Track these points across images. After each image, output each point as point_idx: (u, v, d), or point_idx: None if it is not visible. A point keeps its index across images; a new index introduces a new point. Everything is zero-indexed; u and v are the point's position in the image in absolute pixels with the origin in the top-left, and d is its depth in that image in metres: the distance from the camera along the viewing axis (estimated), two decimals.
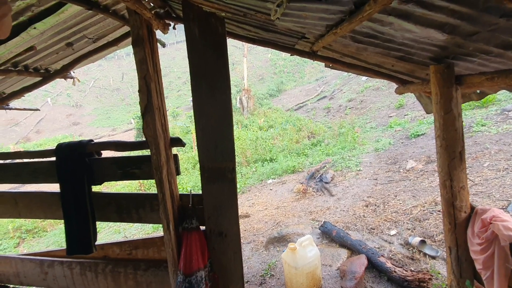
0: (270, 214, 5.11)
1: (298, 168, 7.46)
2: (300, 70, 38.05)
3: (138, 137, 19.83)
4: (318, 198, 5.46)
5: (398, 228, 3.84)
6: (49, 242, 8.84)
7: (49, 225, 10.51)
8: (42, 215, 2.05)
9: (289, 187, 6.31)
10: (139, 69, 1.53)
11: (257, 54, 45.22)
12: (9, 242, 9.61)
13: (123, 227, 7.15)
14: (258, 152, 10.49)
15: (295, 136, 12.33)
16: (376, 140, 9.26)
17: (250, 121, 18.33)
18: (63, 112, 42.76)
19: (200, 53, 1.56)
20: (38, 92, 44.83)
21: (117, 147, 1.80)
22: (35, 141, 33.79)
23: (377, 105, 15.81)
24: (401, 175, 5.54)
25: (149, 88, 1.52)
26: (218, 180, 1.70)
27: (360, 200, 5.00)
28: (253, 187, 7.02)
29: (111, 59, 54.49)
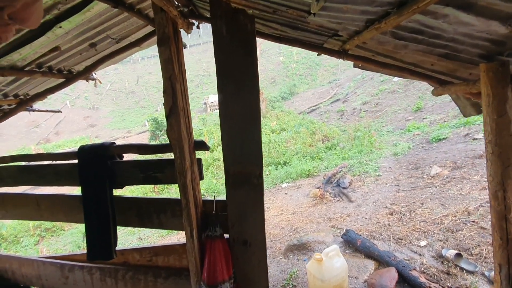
0: (286, 220, 4.97)
1: (313, 172, 7.28)
2: (313, 72, 37.75)
3: (151, 139, 20.09)
4: (336, 204, 5.27)
5: (429, 239, 3.61)
6: (66, 241, 9.00)
7: (67, 224, 10.74)
8: (64, 218, 2.02)
9: (305, 191, 6.15)
10: (164, 69, 1.46)
11: (269, 57, 45.22)
12: (30, 240, 9.86)
13: (138, 228, 7.19)
14: (271, 155, 10.37)
15: (308, 139, 12.14)
16: (394, 144, 8.97)
17: (262, 124, 18.26)
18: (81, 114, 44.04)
19: (228, 51, 1.48)
20: (57, 95, 46.42)
21: (139, 149, 1.74)
22: (55, 142, 34.88)
23: (394, 108, 15.41)
24: (425, 181, 5.28)
25: (175, 89, 1.45)
26: (243, 185, 1.61)
27: (382, 208, 4.76)
28: (267, 191, 6.90)
29: (126, 63, 55.78)
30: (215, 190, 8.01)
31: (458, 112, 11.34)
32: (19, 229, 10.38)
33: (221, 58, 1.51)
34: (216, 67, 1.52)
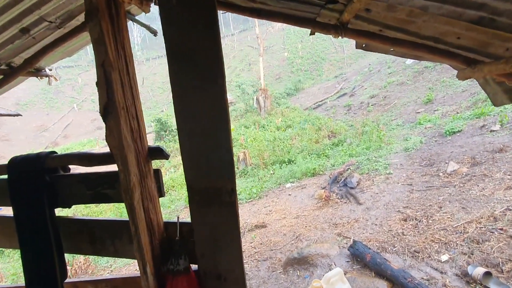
0: (289, 225, 4.56)
1: (319, 170, 6.84)
2: (318, 67, 37.01)
3: (156, 140, 19.94)
4: (343, 207, 4.81)
5: (451, 252, 3.10)
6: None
7: None
8: (8, 244, 1.70)
9: (310, 192, 5.69)
10: (95, 53, 1.09)
11: (274, 53, 44.60)
12: None
13: None
14: (276, 154, 9.97)
15: (314, 135, 11.69)
16: (405, 138, 8.45)
17: (267, 121, 17.83)
18: (88, 117, 44.49)
19: (181, 28, 1.11)
20: (64, 98, 47.03)
21: (82, 160, 1.38)
22: (63, 146, 35.31)
23: (403, 100, 14.78)
24: (441, 180, 4.76)
25: (110, 79, 1.07)
26: (212, 205, 1.23)
27: (395, 211, 4.27)
28: (271, 191, 6.52)
29: None
30: None
31: (472, 102, 10.67)
32: None
33: (171, 35, 1.13)
34: (166, 48, 1.14)
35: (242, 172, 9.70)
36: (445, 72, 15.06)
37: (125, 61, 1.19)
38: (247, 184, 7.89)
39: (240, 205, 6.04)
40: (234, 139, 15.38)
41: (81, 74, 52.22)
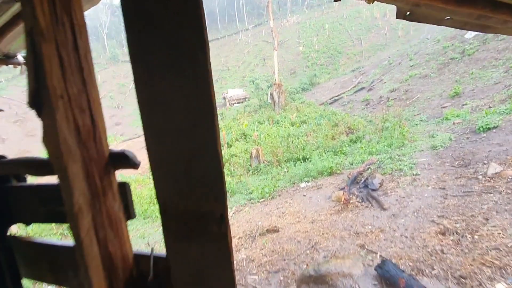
0: (303, 230, 4.12)
1: (336, 169, 6.36)
2: (334, 61, 35.96)
3: None
4: (365, 212, 4.29)
5: (508, 281, 2.50)
6: None
7: None
8: None
9: (326, 193, 5.26)
10: (23, 16, 0.76)
11: (288, 47, 43.78)
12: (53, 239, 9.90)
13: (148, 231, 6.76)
14: (290, 150, 9.56)
15: (330, 132, 11.17)
16: (430, 135, 7.81)
17: (281, 117, 17.38)
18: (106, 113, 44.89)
19: None
20: None
21: (29, 168, 1.08)
22: None
23: (426, 94, 13.91)
24: (482, 184, 4.16)
25: (40, 55, 0.74)
26: (195, 237, 0.88)
27: (428, 221, 3.64)
28: (284, 191, 6.14)
29: None
30: (229, 190, 7.39)
31: (507, 95, 9.77)
32: (43, 227, 10.49)
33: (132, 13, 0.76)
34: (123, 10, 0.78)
35: (254, 169, 9.37)
36: (473, 64, 14.01)
37: (71, 31, 0.84)
38: (259, 183, 7.55)
39: (251, 205, 5.71)
40: (248, 135, 15.06)
41: (100, 71, 53.56)
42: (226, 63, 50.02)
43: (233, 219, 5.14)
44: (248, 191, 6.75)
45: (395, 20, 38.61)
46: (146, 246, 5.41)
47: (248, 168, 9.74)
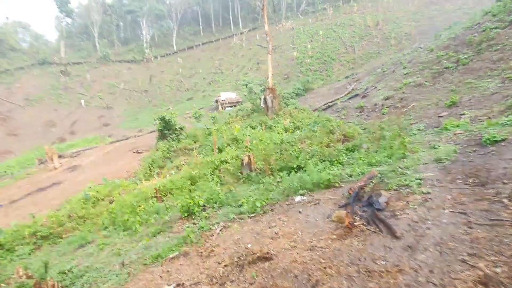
0: (301, 260, 3.48)
1: (334, 182, 5.84)
2: (328, 67, 35.95)
3: (160, 139, 19.30)
4: (374, 240, 3.63)
5: None
6: (62, 250, 8.15)
7: (66, 231, 9.99)
8: None
9: (325, 210, 4.69)
10: None
11: (282, 52, 43.66)
12: (25, 248, 9.13)
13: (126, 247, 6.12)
14: (284, 158, 9.07)
15: (325, 139, 10.76)
16: (431, 146, 7.46)
17: (274, 122, 16.95)
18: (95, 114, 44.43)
19: None
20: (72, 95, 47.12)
21: None
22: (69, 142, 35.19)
23: (422, 103, 13.73)
24: (510, 210, 3.54)
25: None
26: None
27: (457, 261, 2.94)
28: (277, 205, 5.59)
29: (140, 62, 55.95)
30: (217, 201, 6.82)
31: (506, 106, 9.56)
32: (15, 236, 9.68)
33: None
34: None
35: (245, 178, 8.84)
36: (468, 73, 13.94)
37: None
38: (250, 193, 7.02)
39: (240, 221, 5.17)
40: (239, 140, 14.54)
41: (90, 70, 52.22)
42: (220, 66, 49.54)
43: (219, 238, 4.58)
44: (238, 203, 6.21)
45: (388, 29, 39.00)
46: (120, 267, 4.79)
47: (238, 176, 9.21)
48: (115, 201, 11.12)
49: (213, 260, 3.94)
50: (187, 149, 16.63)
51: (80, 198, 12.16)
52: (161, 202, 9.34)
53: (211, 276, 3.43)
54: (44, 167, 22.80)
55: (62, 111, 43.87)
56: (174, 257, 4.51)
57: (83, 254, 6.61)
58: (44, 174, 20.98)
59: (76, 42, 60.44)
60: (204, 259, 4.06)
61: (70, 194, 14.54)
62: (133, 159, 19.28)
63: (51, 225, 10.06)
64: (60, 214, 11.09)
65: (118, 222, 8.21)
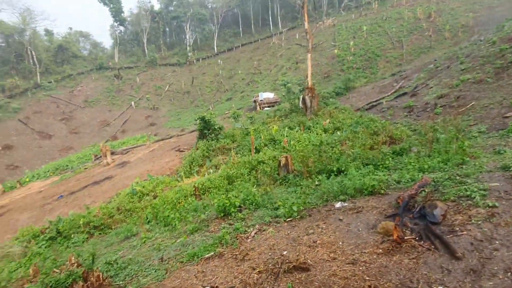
0: (342, 274, 3.14)
1: (379, 188, 5.36)
2: (372, 65, 33.96)
3: (200, 138, 19.92)
4: (428, 258, 3.14)
5: None
6: (110, 240, 8.77)
7: (114, 223, 10.77)
8: None
9: (369, 220, 4.26)
10: None
11: (323, 50, 42.38)
12: (79, 236, 10.00)
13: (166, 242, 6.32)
14: (322, 161, 8.67)
15: (369, 141, 10.06)
16: (496, 151, 6.51)
17: (313, 123, 16.42)
18: (143, 114, 47.86)
19: None
20: (124, 97, 51.21)
21: None
22: (120, 139, 38.38)
23: (483, 101, 12.18)
24: None
25: None
26: None
27: None
28: (315, 210, 5.29)
29: (183, 65, 58.84)
30: (253, 202, 6.72)
31: None
32: (72, 224, 10.67)
33: None
34: None
35: (282, 179, 8.63)
36: None
37: None
38: (287, 196, 6.79)
39: (276, 225, 4.99)
40: (277, 140, 14.36)
41: (139, 74, 56.36)
42: (259, 66, 49.85)
43: (254, 242, 4.45)
44: (274, 206, 6.03)
45: (441, 21, 35.54)
46: (158, 262, 4.94)
47: (275, 177, 9.03)
48: (158, 196, 11.71)
49: (247, 264, 3.84)
50: (225, 148, 16.93)
51: (128, 192, 13.04)
52: (199, 200, 9.56)
53: (245, 282, 3.32)
54: (98, 163, 25.11)
55: (115, 112, 48.01)
56: (209, 257, 4.51)
57: (128, 246, 7.00)
58: (98, 169, 23.09)
59: (128, 48, 65.64)
60: (239, 263, 3.97)
61: (119, 188, 15.74)
62: (175, 157, 20.22)
63: (102, 216, 10.94)
64: (110, 206, 12.01)
65: (160, 217, 8.58)
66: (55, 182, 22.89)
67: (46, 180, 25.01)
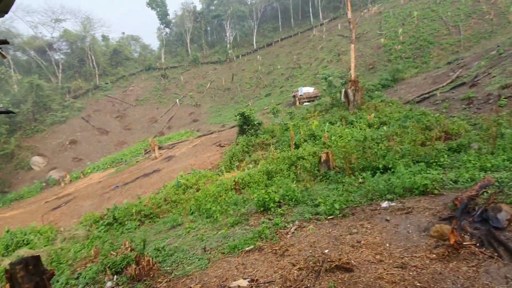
0: (389, 278, 2.92)
1: (432, 188, 4.88)
2: (424, 53, 31.04)
3: (239, 134, 20.30)
4: (490, 267, 2.81)
5: None
6: (158, 228, 9.40)
7: (162, 212, 11.57)
8: None
9: (420, 222, 3.88)
10: None
11: (367, 40, 39.94)
12: (132, 224, 10.94)
13: (208, 234, 6.60)
14: (367, 157, 8.22)
15: (420, 136, 9.27)
16: None
17: (356, 117, 15.64)
18: (186, 111, 50.37)
19: None
20: (170, 95, 54.36)
21: None
22: (166, 135, 41.02)
23: None
24: None
25: None
26: None
27: None
28: (359, 208, 5.03)
29: (223, 63, 60.35)
30: (293, 198, 6.65)
31: None
32: (126, 212, 11.72)
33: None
34: None
35: (323, 176, 8.39)
36: None
37: None
38: (328, 193, 6.59)
39: (317, 222, 4.87)
40: (317, 136, 13.99)
41: (183, 73, 59.26)
42: (298, 60, 48.90)
43: (294, 238, 4.41)
44: (314, 203, 5.89)
45: (505, 2, 30.90)
46: (201, 252, 5.17)
47: (315, 173, 8.81)
48: (200, 189, 12.26)
49: (287, 260, 3.82)
50: (264, 144, 17.02)
51: (173, 184, 13.88)
52: (239, 194, 9.78)
53: (285, 278, 3.31)
54: (148, 156, 27.13)
55: (162, 109, 51.24)
56: (249, 250, 4.60)
57: (174, 235, 7.45)
58: (148, 162, 24.95)
59: (173, 49, 69.23)
60: (278, 258, 3.97)
61: (166, 180, 16.84)
62: (216, 152, 20.93)
63: (151, 206, 11.82)
64: (158, 197, 12.92)
65: (202, 209, 8.96)
66: (111, 173, 25.33)
67: (104, 172, 27.82)
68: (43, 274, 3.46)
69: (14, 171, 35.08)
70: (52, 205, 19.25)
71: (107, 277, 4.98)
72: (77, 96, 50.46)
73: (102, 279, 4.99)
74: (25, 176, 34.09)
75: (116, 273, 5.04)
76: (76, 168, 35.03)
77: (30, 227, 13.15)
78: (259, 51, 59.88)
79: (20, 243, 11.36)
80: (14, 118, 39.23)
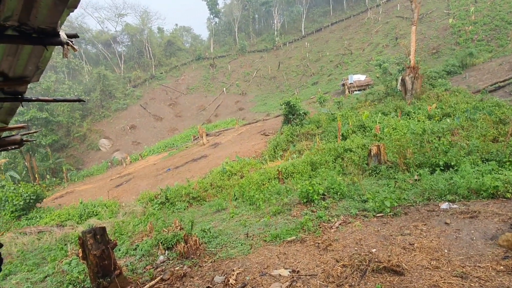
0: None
1: (505, 191, 4.21)
2: (500, 35, 26.63)
3: (284, 123, 20.13)
4: None
5: None
6: (204, 211, 9.92)
7: (208, 196, 12.24)
8: None
9: (487, 228, 3.40)
10: None
11: (431, 21, 35.69)
12: (181, 204, 11.78)
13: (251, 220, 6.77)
14: (425, 152, 7.48)
15: (491, 131, 8.10)
16: None
17: (414, 108, 14.27)
18: (233, 99, 51.59)
19: None
20: (217, 84, 56.14)
21: None
22: (213, 123, 42.74)
23: None
24: None
25: None
26: None
27: None
28: (413, 208, 4.60)
29: (270, 51, 59.80)
30: (338, 191, 6.41)
31: None
32: (176, 193, 12.66)
33: None
34: None
35: (372, 170, 7.90)
36: None
37: None
38: (377, 189, 6.18)
39: (364, 219, 4.62)
40: (367, 127, 13.16)
41: (230, 62, 60.45)
42: (349, 46, 46.06)
43: (339, 233, 4.25)
44: (362, 198, 5.59)
45: None
46: (244, 237, 5.32)
47: (364, 167, 8.34)
48: (244, 177, 12.57)
49: (330, 255, 3.72)
50: (309, 134, 16.63)
51: (219, 170, 14.47)
52: (282, 184, 9.78)
53: (328, 273, 3.23)
54: (196, 143, 28.65)
55: (209, 97, 53.26)
56: (291, 241, 4.59)
57: (219, 218, 7.81)
58: (196, 148, 26.35)
59: (221, 38, 70.71)
60: (321, 252, 3.89)
61: (212, 166, 17.63)
62: (260, 140, 21.12)
63: (199, 189, 12.54)
64: (205, 181, 13.62)
65: (246, 196, 9.19)
66: (164, 157, 27.42)
67: (158, 155, 30.24)
68: (108, 243, 3.93)
69: (86, 151, 40.19)
70: (115, 183, 21.67)
71: (159, 251, 5.47)
72: (136, 85, 55.12)
73: (155, 252, 5.49)
74: (95, 156, 38.86)
75: (167, 249, 5.50)
76: (135, 150, 38.70)
77: (98, 200, 15.06)
78: (307, 37, 57.82)
79: (90, 214, 13.13)
80: (86, 105, 44.72)
